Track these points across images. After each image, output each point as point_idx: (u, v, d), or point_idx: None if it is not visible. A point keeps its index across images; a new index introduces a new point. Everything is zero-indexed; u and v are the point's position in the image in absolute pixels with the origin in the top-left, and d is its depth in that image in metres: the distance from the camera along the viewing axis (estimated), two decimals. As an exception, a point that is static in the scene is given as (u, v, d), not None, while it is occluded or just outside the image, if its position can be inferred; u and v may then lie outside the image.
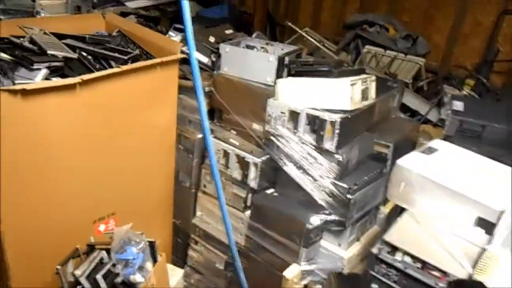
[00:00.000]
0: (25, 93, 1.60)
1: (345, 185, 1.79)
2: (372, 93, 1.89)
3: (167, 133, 2.23)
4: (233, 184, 2.12)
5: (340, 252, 1.92)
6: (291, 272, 1.65)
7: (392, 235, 1.48)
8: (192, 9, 3.04)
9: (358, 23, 3.39)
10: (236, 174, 2.09)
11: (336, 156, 1.78)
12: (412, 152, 1.75)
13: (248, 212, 2.11)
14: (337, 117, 1.72)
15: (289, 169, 1.91)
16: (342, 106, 1.74)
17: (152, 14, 3.31)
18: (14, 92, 1.57)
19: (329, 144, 1.77)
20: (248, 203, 2.10)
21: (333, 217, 1.85)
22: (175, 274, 2.41)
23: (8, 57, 1.86)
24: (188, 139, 2.30)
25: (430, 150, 1.79)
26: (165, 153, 2.28)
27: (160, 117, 2.15)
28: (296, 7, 3.34)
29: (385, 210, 2.08)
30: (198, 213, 2.35)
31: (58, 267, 1.75)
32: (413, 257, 1.43)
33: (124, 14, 2.93)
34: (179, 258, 2.56)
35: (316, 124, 1.78)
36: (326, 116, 1.74)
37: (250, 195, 2.08)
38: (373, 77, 1.90)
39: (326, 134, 1.75)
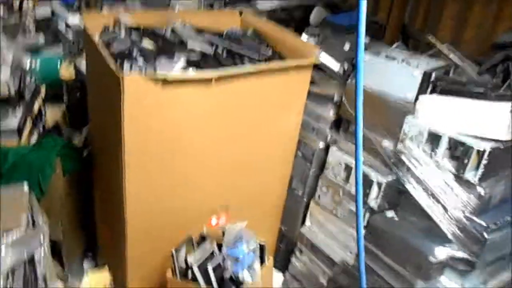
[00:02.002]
0: (166, 82, 1.67)
1: (483, 223, 1.60)
2: (531, 124, 1.67)
3: (289, 138, 2.21)
4: (350, 200, 2.03)
5: (463, 294, 1.73)
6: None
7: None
8: (320, 14, 2.98)
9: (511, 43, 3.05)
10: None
11: (478, 189, 1.60)
12: None
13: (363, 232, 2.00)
14: (487, 146, 1.54)
15: (417, 194, 1.77)
16: (494, 135, 1.56)
17: (282, 15, 3.32)
18: (156, 80, 1.65)
19: (472, 175, 1.60)
20: (364, 223, 1.99)
21: (461, 254, 1.67)
22: (276, 278, 2.40)
23: (152, 46, 1.98)
24: (309, 146, 2.26)
25: None
26: (284, 158, 2.26)
27: (286, 121, 2.13)
28: (435, 21, 3.10)
29: (523, 257, 1.83)
30: (308, 223, 2.29)
31: (173, 251, 1.82)
32: None
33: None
34: (278, 263, 2.53)
35: (459, 151, 1.62)
36: (474, 143, 1.57)
37: (368, 214, 1.97)
38: (535, 106, 1.67)
39: (470, 164, 1.58)
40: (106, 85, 1.82)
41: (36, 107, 2.59)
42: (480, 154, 1.56)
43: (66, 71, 3.03)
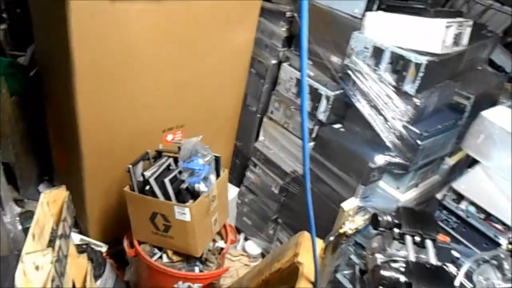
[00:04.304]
0: (114, -3, 1.62)
1: (417, 131, 1.76)
2: (465, 39, 1.79)
3: (242, 55, 2.23)
4: (300, 114, 2.13)
5: (397, 195, 1.93)
6: (349, 204, 1.67)
7: (461, 184, 1.48)
8: None
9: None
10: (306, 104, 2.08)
11: (415, 100, 1.73)
12: (498, 106, 1.67)
13: (312, 144, 2.13)
14: (424, 60, 1.65)
15: (362, 106, 1.89)
16: (431, 49, 1.66)
17: None
18: (103, -6, 1.60)
19: (409, 87, 1.72)
20: (313, 135, 2.11)
21: (397, 159, 1.84)
22: (231, 191, 2.55)
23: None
24: (262, 63, 2.30)
25: (517, 107, 1.71)
26: (238, 74, 2.30)
27: (239, 37, 2.14)
28: None
29: (450, 161, 2.04)
30: (261, 137, 2.40)
31: (130, 166, 1.87)
32: (478, 207, 1.43)
33: None
34: (234, 177, 2.66)
35: (399, 64, 1.72)
36: (413, 57, 1.67)
37: (317, 127, 2.09)
38: (470, 22, 1.78)
39: (408, 76, 1.70)
40: (51, 1, 1.74)
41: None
42: (418, 67, 1.66)
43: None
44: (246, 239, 2.65)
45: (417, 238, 1.14)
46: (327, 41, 2.00)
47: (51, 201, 1.56)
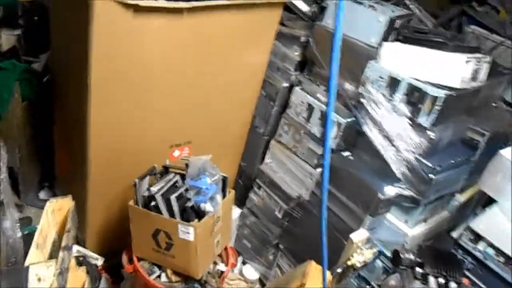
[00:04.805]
0: (137, 8, 1.64)
1: (430, 164, 1.74)
2: (483, 75, 1.78)
3: (255, 76, 2.24)
4: (310, 140, 2.11)
5: (405, 229, 1.90)
6: (358, 236, 1.65)
7: (480, 224, 1.44)
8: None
9: (466, -1, 3.14)
10: (316, 130, 2.07)
11: (429, 133, 1.72)
12: (516, 145, 1.66)
13: (319, 170, 2.11)
14: (442, 93, 1.64)
15: (373, 135, 1.88)
16: (449, 83, 1.66)
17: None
18: (127, 6, 1.62)
19: (424, 119, 1.71)
20: (322, 161, 2.09)
21: (408, 192, 1.81)
22: (234, 212, 2.51)
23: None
24: (273, 86, 2.29)
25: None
26: (249, 95, 2.30)
27: (253, 58, 2.15)
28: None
29: (460, 198, 2.01)
30: (268, 160, 2.37)
31: (136, 180, 1.85)
32: (497, 249, 1.39)
33: None
34: (236, 198, 2.62)
35: (415, 96, 1.71)
36: (430, 89, 1.66)
37: (326, 153, 2.07)
38: (488, 59, 1.78)
39: (424, 108, 1.69)
40: (73, 9, 1.75)
41: (-9, 29, 2.45)
42: (434, 100, 1.66)
43: (23, -8, 2.83)
44: (244, 262, 2.59)
45: (441, 280, 1.09)
46: (341, 68, 1.99)
47: (56, 209, 1.53)
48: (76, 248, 2.13)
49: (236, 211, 2.55)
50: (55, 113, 2.42)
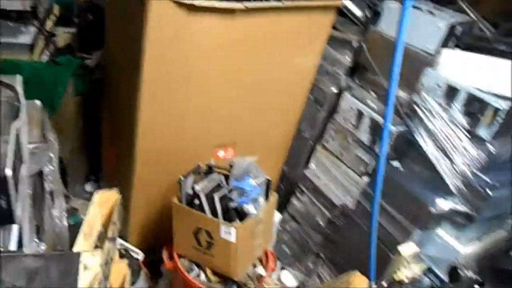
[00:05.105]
0: (192, 8, 1.65)
1: (488, 180, 1.64)
2: (550, 88, 1.67)
3: (304, 79, 2.20)
4: (358, 147, 2.05)
5: (457, 246, 1.79)
6: (407, 249, 1.58)
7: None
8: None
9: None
10: (365, 137, 2.01)
11: (489, 146, 1.62)
12: None
13: (365, 178, 2.04)
14: (505, 105, 1.54)
15: (426, 146, 1.79)
16: (514, 94, 1.56)
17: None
18: (182, 5, 1.63)
19: (484, 132, 1.61)
20: (369, 170, 2.03)
21: (462, 208, 1.72)
22: (274, 216, 2.47)
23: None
24: (321, 90, 2.25)
25: None
26: (296, 98, 2.27)
27: (303, 61, 2.12)
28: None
29: (518, 217, 1.89)
30: (312, 165, 2.33)
31: (181, 177, 1.85)
32: None
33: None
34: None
35: (475, 107, 1.62)
36: (493, 100, 1.57)
37: (374, 162, 2.00)
38: (558, 70, 1.66)
39: (484, 120, 1.60)
40: (129, 8, 1.79)
41: (48, 26, 2.55)
42: (497, 112, 1.56)
43: (78, -8, 2.94)
44: (282, 268, 2.55)
45: (502, 300, 1.02)
46: (395, 75, 1.93)
47: (102, 202, 1.55)
48: (119, 241, 2.16)
49: (276, 216, 2.51)
50: (104, 109, 2.48)
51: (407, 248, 1.59)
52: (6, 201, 0.97)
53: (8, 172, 0.97)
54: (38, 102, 1.83)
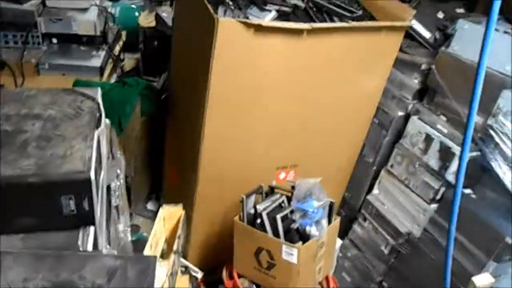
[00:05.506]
0: (259, 28, 1.67)
1: None
2: None
3: (369, 103, 2.16)
4: (426, 172, 1.97)
5: (538, 282, 1.66)
6: (482, 281, 1.46)
7: None
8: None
9: None
10: (433, 162, 1.93)
11: None
12: None
13: (434, 205, 1.95)
14: None
15: (503, 172, 1.69)
16: None
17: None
18: (249, 25, 1.65)
19: None
20: (438, 197, 1.93)
21: (543, 239, 1.59)
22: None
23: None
24: (387, 114, 2.19)
25: None
26: (361, 122, 2.22)
27: (368, 84, 2.08)
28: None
29: None
30: (375, 191, 2.26)
31: (243, 196, 1.86)
32: None
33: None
34: (337, 229, 2.52)
35: (560, 131, 1.52)
36: None
37: (443, 188, 1.91)
38: None
39: None
40: (197, 28, 1.85)
41: (116, 50, 2.70)
42: None
43: (144, 20, 3.11)
44: (341, 297, 2.46)
45: None
46: (467, 98, 1.84)
47: (168, 216, 1.58)
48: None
49: (338, 241, 2.44)
50: (168, 128, 2.56)
51: (481, 279, 1.47)
52: (88, 203, 1.01)
53: (92, 175, 1.02)
54: (107, 121, 1.92)
